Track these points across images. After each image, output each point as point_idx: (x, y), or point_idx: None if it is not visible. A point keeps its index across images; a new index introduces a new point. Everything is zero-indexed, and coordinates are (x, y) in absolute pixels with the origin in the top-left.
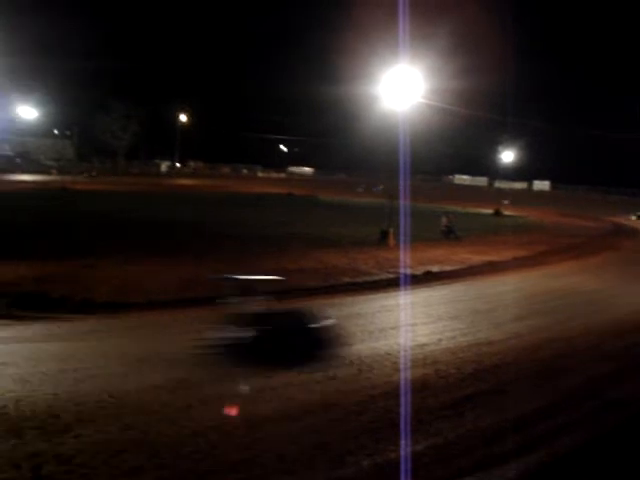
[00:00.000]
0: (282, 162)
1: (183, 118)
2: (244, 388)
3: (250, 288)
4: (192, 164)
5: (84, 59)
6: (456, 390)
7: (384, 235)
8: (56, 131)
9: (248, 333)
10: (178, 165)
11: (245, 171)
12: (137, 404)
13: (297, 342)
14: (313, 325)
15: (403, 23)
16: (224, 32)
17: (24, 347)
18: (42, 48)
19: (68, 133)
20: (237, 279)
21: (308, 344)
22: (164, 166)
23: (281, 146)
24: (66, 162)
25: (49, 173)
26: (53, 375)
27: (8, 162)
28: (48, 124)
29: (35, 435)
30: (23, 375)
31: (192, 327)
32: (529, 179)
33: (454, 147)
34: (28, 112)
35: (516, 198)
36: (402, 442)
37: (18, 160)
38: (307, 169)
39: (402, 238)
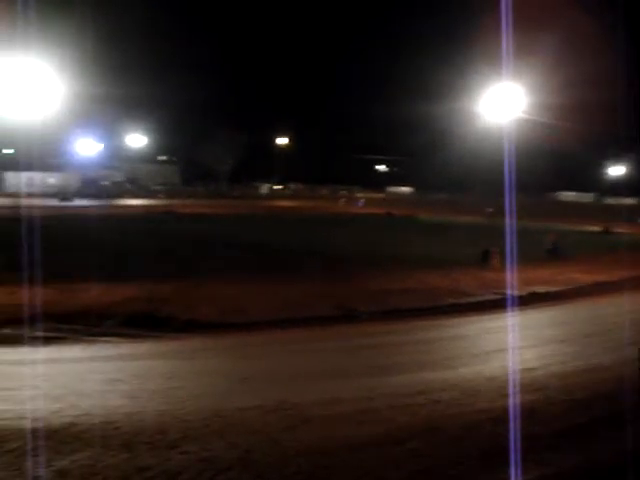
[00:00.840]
0: (381, 182)
1: (283, 141)
2: None
3: None
4: (292, 186)
5: (189, 88)
6: (567, 418)
7: (487, 255)
8: (163, 157)
9: None
10: (278, 187)
11: (344, 192)
12: (241, 423)
13: None
14: None
15: (506, 39)
16: (321, 55)
17: (134, 364)
18: (150, 79)
19: (174, 159)
20: None
21: None
22: (265, 188)
23: (379, 166)
24: (172, 187)
25: (156, 197)
26: (161, 392)
27: (120, 187)
28: (155, 151)
29: (144, 450)
30: (133, 391)
31: (295, 347)
32: None
33: (558, 163)
34: (137, 140)
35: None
36: (512, 471)
37: (128, 185)
38: (406, 189)
39: (506, 258)
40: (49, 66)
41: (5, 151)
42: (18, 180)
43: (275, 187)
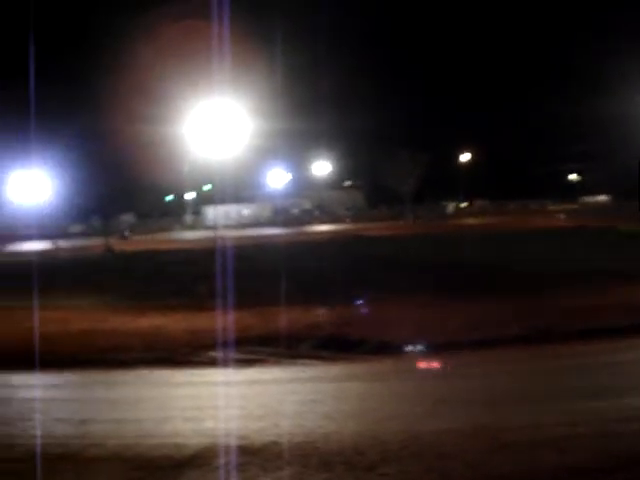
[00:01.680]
0: (573, 193)
1: (466, 157)
2: None
3: None
4: (478, 203)
5: (370, 114)
6: None
7: None
8: (348, 182)
9: None
10: (464, 205)
11: (534, 206)
12: (437, 446)
13: None
14: None
15: None
16: (501, 64)
17: (329, 386)
18: (333, 108)
19: (358, 183)
20: None
21: None
22: (450, 207)
23: (571, 176)
24: (357, 211)
25: (343, 222)
26: (356, 413)
27: (308, 214)
28: (340, 177)
29: (343, 470)
30: (329, 412)
31: (489, 368)
32: None
33: None
34: (323, 168)
35: None
36: None
37: (316, 212)
38: (602, 197)
39: None
40: (239, 105)
41: (204, 187)
42: (216, 213)
43: (460, 205)
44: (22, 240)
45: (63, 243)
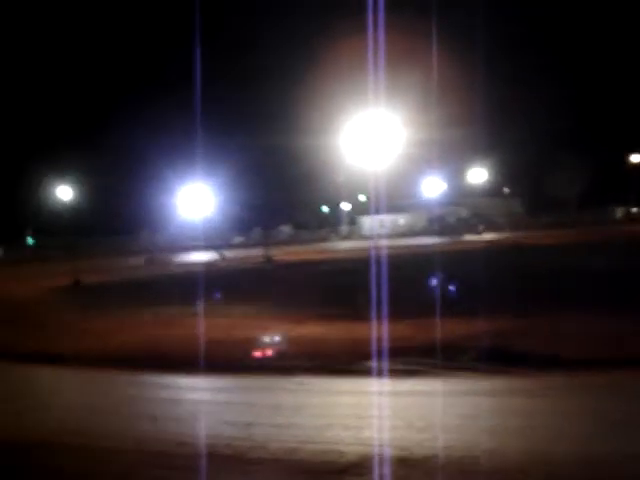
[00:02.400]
0: None
1: (638, 159)
2: None
3: None
4: None
5: (528, 119)
6: None
7: None
8: (506, 190)
9: None
10: (635, 210)
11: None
12: (614, 474)
13: None
14: None
15: None
16: None
17: (490, 400)
18: (490, 117)
19: (517, 191)
20: None
21: None
22: (619, 213)
23: None
24: (516, 218)
25: (502, 230)
26: (519, 430)
27: (464, 223)
28: (498, 184)
29: None
30: (491, 427)
31: None
32: None
33: None
34: (479, 175)
35: None
36: None
37: (474, 220)
38: None
39: None
40: (394, 115)
41: (359, 198)
42: (372, 223)
43: (631, 210)
44: (190, 251)
45: (227, 253)
